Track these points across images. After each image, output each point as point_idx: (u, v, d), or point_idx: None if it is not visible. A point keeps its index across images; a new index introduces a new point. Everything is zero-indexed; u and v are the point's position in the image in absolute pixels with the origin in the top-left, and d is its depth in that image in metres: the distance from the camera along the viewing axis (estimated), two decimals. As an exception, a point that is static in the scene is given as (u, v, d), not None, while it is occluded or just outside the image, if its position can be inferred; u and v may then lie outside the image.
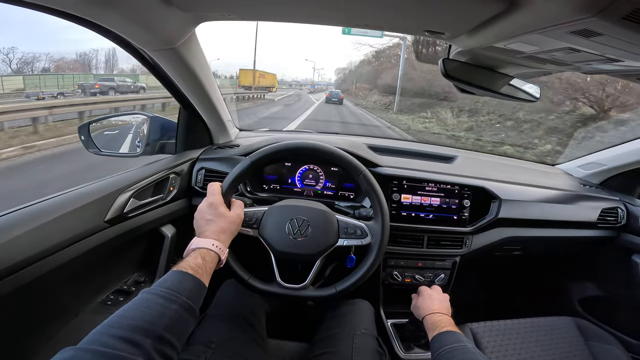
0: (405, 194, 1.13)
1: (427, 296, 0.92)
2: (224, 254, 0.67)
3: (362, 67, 45.36)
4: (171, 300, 0.49)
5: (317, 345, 0.87)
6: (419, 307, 0.89)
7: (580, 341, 1.09)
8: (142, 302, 0.48)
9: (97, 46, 48.24)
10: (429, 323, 0.79)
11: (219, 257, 0.65)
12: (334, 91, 26.80)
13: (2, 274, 0.58)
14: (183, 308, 0.50)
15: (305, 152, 0.91)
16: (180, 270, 0.56)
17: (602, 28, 0.46)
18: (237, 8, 0.69)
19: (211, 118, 1.16)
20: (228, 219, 0.72)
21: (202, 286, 0.57)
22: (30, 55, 38.01)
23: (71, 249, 0.72)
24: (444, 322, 0.76)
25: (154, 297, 0.49)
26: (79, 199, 0.77)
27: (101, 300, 0.91)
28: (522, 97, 0.91)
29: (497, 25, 0.55)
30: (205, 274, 0.59)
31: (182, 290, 0.52)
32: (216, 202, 0.73)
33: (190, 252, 0.63)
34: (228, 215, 0.73)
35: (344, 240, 0.85)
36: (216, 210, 0.72)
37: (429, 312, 0.83)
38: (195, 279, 0.56)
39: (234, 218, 0.74)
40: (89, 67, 41.45)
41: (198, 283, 0.56)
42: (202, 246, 0.64)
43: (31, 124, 6.57)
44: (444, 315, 0.81)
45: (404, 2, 0.57)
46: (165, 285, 0.52)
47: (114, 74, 34.76)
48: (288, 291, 0.83)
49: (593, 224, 1.26)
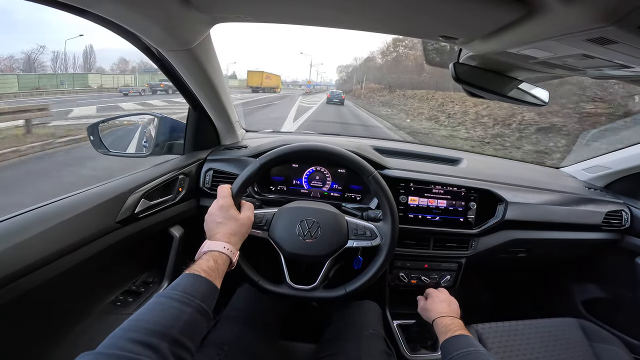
0: (412, 196, 1.13)
1: (436, 298, 0.90)
2: (235, 257, 0.67)
3: (371, 62, 40.06)
4: (185, 304, 0.50)
5: (325, 346, 0.87)
6: (429, 310, 0.88)
7: (584, 342, 1.10)
8: (157, 306, 0.49)
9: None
10: (440, 326, 0.79)
11: (230, 259, 0.65)
12: (335, 92, 26.55)
13: (16, 275, 0.58)
14: (197, 311, 0.50)
15: (315, 154, 0.92)
16: (193, 274, 0.56)
17: (618, 36, 0.47)
18: (253, 10, 0.69)
19: (220, 119, 1.17)
20: (238, 221, 0.72)
21: (215, 289, 0.58)
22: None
23: (84, 250, 0.72)
24: (455, 326, 0.76)
25: (169, 301, 0.50)
26: (92, 200, 0.78)
27: (111, 300, 0.91)
28: (531, 101, 0.91)
29: (513, 31, 0.56)
30: (218, 276, 0.60)
31: (196, 293, 0.52)
32: (227, 204, 0.73)
33: (203, 255, 0.63)
34: (239, 217, 0.73)
35: (354, 242, 0.85)
36: (227, 213, 0.72)
37: (439, 315, 0.82)
38: (208, 282, 0.56)
39: (245, 220, 0.74)
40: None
41: (211, 286, 0.57)
42: (214, 249, 0.64)
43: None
44: (454, 319, 0.80)
45: (422, 8, 0.57)
46: (179, 289, 0.52)
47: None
48: (298, 292, 0.84)
49: (597, 226, 1.27)
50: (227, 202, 0.74)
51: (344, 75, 65.79)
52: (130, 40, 0.75)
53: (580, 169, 1.48)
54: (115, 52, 40.34)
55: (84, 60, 31.74)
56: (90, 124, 1.07)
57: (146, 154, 1.13)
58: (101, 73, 33.19)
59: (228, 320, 0.87)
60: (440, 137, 11.18)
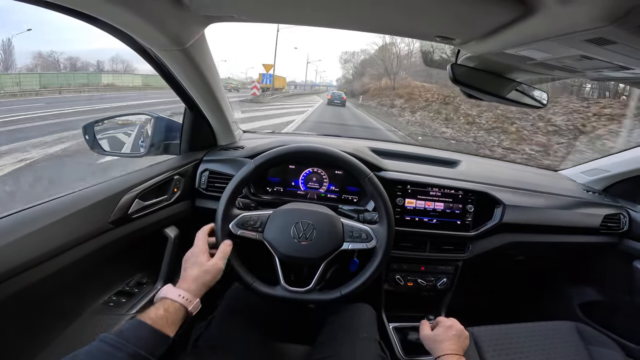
0: (409, 198, 1.13)
1: (448, 330, 0.83)
2: (192, 305, 0.66)
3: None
4: (118, 349, 0.51)
5: (319, 348, 0.86)
6: (436, 342, 0.82)
7: (581, 346, 1.09)
8: (92, 349, 0.51)
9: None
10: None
11: (186, 308, 0.64)
12: (336, 92, 25.93)
13: (7, 274, 0.58)
14: (132, 357, 0.51)
15: (310, 155, 0.91)
16: (138, 320, 0.57)
17: (616, 37, 0.46)
18: (248, 10, 0.68)
19: (216, 119, 1.16)
20: (204, 267, 0.71)
21: (162, 336, 0.57)
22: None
23: (76, 250, 0.72)
24: None
25: (103, 345, 0.51)
26: (85, 200, 0.77)
27: (104, 301, 0.90)
28: (530, 102, 0.91)
29: (510, 31, 0.55)
30: (167, 324, 0.59)
31: (134, 339, 0.53)
32: (198, 250, 0.74)
33: (157, 301, 0.64)
34: (205, 265, 0.72)
35: (349, 244, 0.85)
36: (196, 258, 0.72)
37: (446, 352, 0.77)
38: (152, 329, 0.56)
39: (210, 268, 0.72)
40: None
41: (156, 333, 0.56)
42: (168, 297, 0.64)
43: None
44: (461, 358, 0.76)
45: (419, 9, 0.57)
46: (118, 333, 0.53)
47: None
48: (293, 295, 0.83)
49: (595, 229, 1.27)
50: (199, 248, 0.74)
51: (351, 68, 48.69)
52: (123, 40, 0.75)
53: (579, 172, 1.48)
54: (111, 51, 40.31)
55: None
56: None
57: (142, 154, 1.12)
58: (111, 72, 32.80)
59: (220, 321, 0.86)
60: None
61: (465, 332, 0.84)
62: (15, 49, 24.70)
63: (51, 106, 10.72)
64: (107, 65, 36.73)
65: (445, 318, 0.88)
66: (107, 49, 39.52)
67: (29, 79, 17.58)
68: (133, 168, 1.00)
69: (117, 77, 25.44)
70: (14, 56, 25.28)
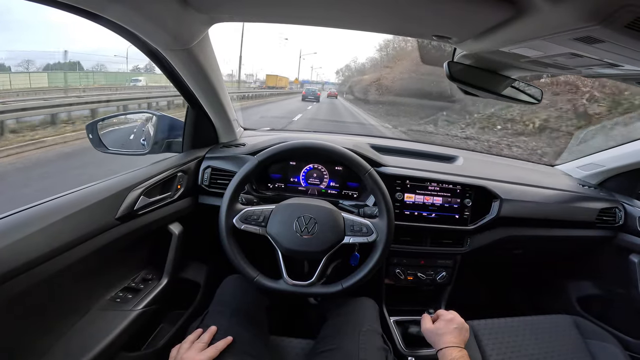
0: (408, 193, 1.15)
1: (448, 323, 0.84)
2: None
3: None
4: None
5: (322, 342, 0.87)
6: (437, 335, 0.83)
7: (579, 339, 1.11)
8: None
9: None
10: (447, 359, 0.76)
11: None
12: (310, 89, 25.56)
13: (16, 271, 0.59)
14: None
15: (311, 151, 0.93)
16: None
17: (604, 35, 0.48)
18: (251, 10, 0.70)
19: (218, 117, 1.18)
20: None
21: None
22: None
23: (83, 246, 0.73)
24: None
25: None
26: (91, 196, 0.78)
27: (110, 297, 0.91)
28: (524, 99, 0.93)
29: (503, 31, 0.57)
30: None
31: None
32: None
33: None
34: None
35: (350, 238, 0.86)
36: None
37: (447, 345, 0.78)
38: None
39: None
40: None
41: None
42: None
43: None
44: (462, 351, 0.77)
45: (415, 8, 0.59)
46: None
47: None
48: (295, 288, 0.85)
49: (591, 223, 1.28)
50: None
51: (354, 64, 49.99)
52: (129, 39, 0.76)
53: (575, 167, 1.50)
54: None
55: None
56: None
57: (145, 152, 1.14)
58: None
59: (215, 315, 0.85)
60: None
61: (466, 325, 0.85)
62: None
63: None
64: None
65: (446, 311, 0.90)
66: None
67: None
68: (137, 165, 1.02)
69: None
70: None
